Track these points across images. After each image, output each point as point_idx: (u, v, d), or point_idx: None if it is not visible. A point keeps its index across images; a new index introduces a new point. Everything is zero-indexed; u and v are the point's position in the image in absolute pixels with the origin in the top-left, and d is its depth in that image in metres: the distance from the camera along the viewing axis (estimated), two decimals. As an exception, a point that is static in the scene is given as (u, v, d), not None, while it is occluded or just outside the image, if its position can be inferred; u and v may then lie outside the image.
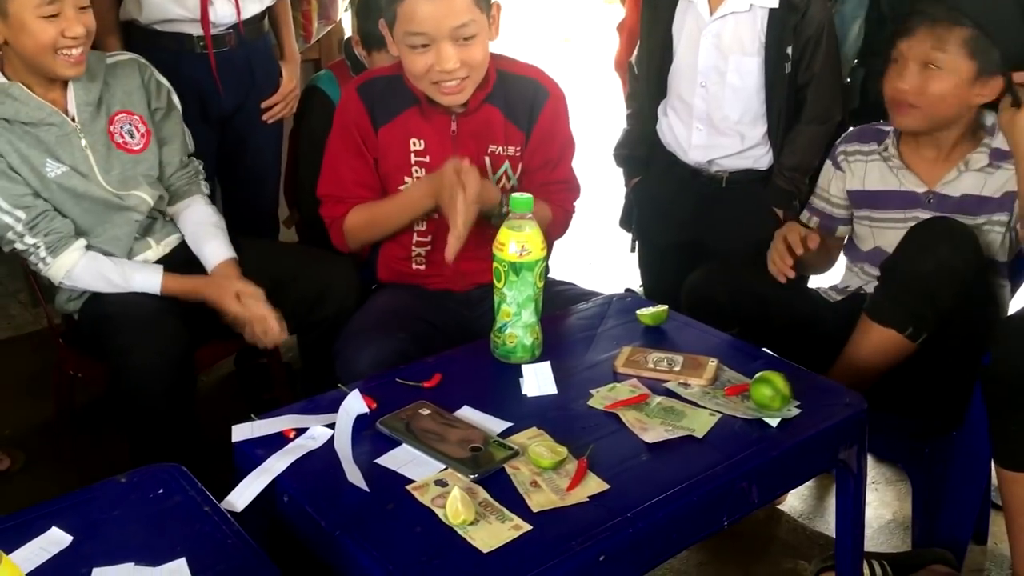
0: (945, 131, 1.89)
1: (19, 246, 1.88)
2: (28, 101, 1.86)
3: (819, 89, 2.08)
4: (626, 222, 2.44)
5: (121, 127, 1.97)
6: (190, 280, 1.95)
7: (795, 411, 1.49)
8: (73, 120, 1.91)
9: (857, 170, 2.00)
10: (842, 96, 2.16)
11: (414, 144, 1.89)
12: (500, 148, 1.91)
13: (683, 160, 2.21)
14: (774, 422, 1.47)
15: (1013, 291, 2.01)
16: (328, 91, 2.38)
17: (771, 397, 1.48)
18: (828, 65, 2.08)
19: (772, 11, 2.03)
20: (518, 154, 1.93)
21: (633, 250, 2.49)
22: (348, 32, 3.24)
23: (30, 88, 1.87)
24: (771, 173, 2.16)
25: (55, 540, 1.21)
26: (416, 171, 1.90)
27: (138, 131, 1.99)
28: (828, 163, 2.05)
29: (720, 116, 2.13)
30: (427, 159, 1.89)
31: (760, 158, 2.16)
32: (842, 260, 2.14)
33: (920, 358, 1.80)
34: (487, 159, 1.92)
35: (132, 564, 1.17)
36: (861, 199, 2.01)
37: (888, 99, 1.90)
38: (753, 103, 2.11)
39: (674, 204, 2.26)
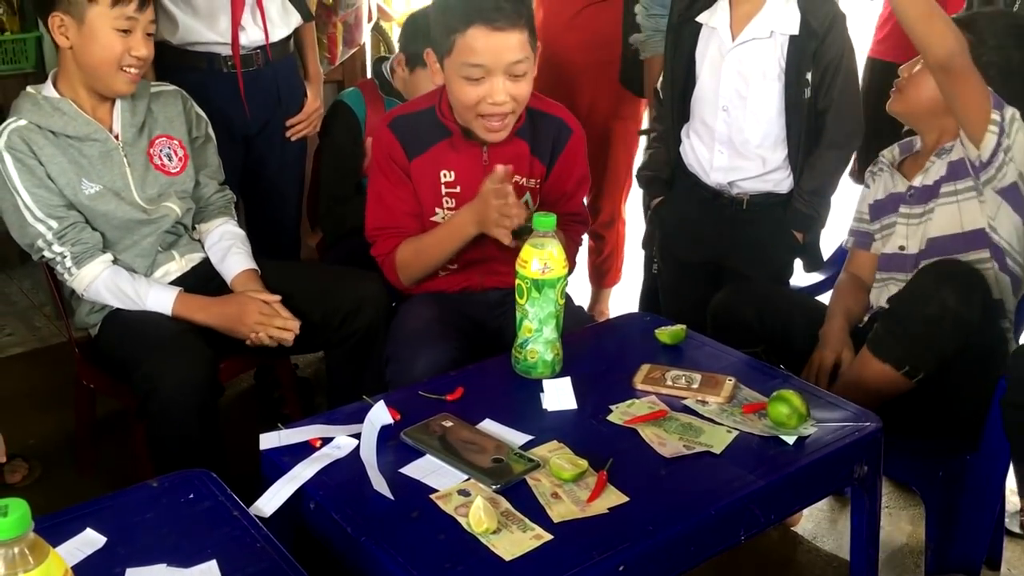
0: (928, 132, 1.98)
1: (47, 254, 1.92)
2: (76, 117, 1.93)
3: (838, 114, 2.12)
4: (648, 243, 2.47)
5: (161, 150, 2.03)
6: (202, 306, 1.96)
7: (811, 429, 1.52)
8: (117, 138, 1.97)
9: (876, 184, 2.09)
10: (862, 119, 2.20)
11: (444, 176, 1.95)
12: (524, 179, 1.97)
13: (705, 182, 2.25)
14: (791, 440, 1.49)
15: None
16: (354, 107, 2.45)
17: (788, 415, 1.50)
18: (847, 91, 2.12)
19: (792, 37, 2.08)
20: (538, 186, 1.99)
21: (651, 270, 2.52)
22: (370, 55, 3.31)
23: (79, 104, 1.94)
24: (791, 196, 2.20)
25: (89, 541, 1.24)
26: (447, 202, 1.96)
27: (176, 155, 2.05)
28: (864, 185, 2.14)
29: (741, 139, 2.17)
30: (458, 189, 1.95)
31: (781, 181, 2.20)
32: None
33: (935, 380, 1.81)
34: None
35: (164, 565, 1.20)
36: (875, 210, 2.08)
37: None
38: (774, 127, 2.15)
39: (696, 225, 2.29)
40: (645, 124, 2.90)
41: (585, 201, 2.21)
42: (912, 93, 1.95)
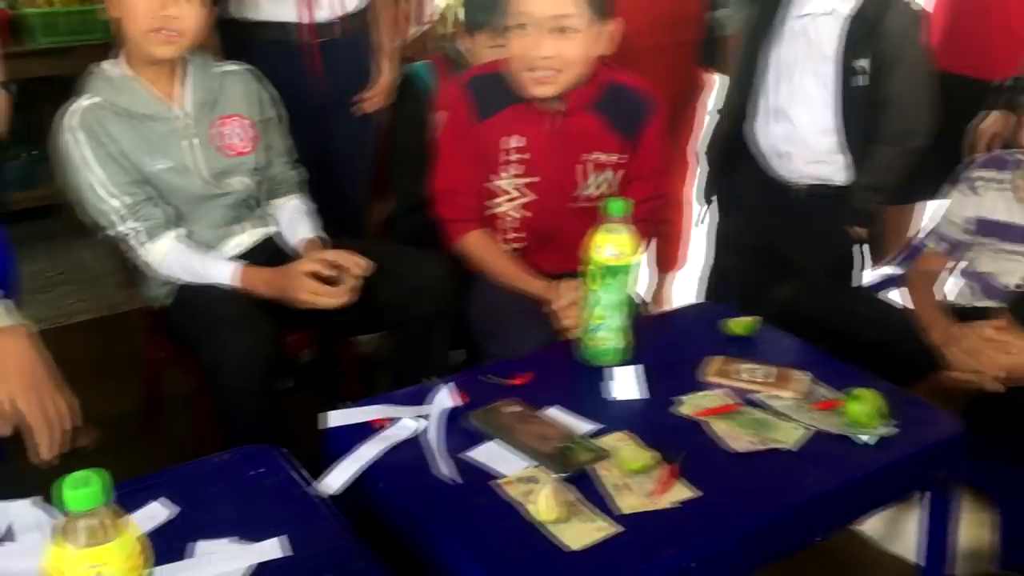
0: None
1: (120, 229, 1.94)
2: (144, 95, 1.94)
3: (896, 109, 2.04)
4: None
5: (229, 129, 2.03)
6: (263, 280, 1.95)
7: (889, 429, 1.47)
8: (184, 116, 1.98)
9: (988, 197, 1.95)
10: (928, 119, 2.11)
11: (513, 141, 1.93)
12: (603, 155, 1.95)
13: (765, 165, 2.21)
14: (868, 440, 1.45)
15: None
16: (425, 79, 2.44)
17: (866, 414, 1.46)
18: (908, 85, 2.04)
19: (851, 19, 2.02)
20: (622, 161, 1.95)
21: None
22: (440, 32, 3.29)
23: (147, 81, 1.95)
24: (848, 190, 2.14)
25: (159, 512, 1.25)
26: (513, 168, 1.94)
27: (246, 135, 2.05)
28: (958, 189, 2.00)
29: (793, 116, 2.13)
30: (526, 156, 1.93)
31: (835, 172, 2.14)
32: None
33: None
34: (585, 166, 1.96)
35: (233, 539, 1.20)
36: (988, 228, 1.95)
37: None
38: (821, 111, 2.10)
39: (754, 209, 2.26)
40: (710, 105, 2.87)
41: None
42: None
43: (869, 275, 2.40)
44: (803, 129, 2.13)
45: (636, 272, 1.62)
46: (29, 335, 1.43)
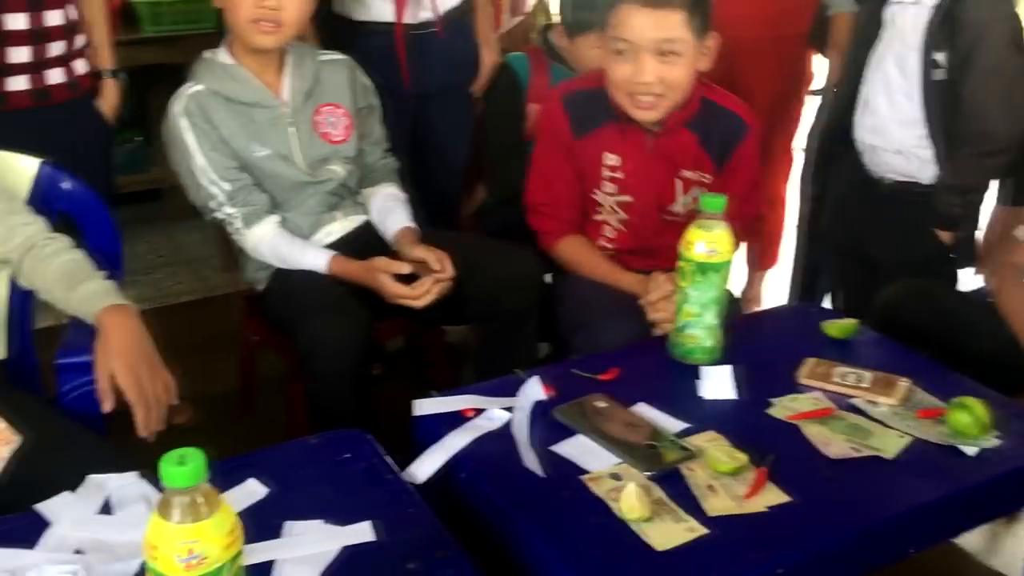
0: None
1: (219, 215, 2.00)
2: (248, 83, 1.99)
3: (970, 109, 1.95)
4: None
5: (326, 118, 2.06)
6: (351, 269, 1.97)
7: (994, 441, 1.40)
8: (285, 105, 2.02)
9: None
10: (1007, 125, 1.98)
11: (609, 159, 1.93)
12: (694, 174, 1.93)
13: (859, 161, 2.17)
14: (971, 451, 1.39)
15: None
16: (518, 70, 2.44)
17: (969, 424, 1.40)
18: (983, 85, 1.94)
19: (934, 9, 1.95)
20: (710, 182, 1.94)
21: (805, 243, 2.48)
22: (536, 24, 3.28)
23: (249, 69, 1.99)
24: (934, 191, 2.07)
25: (252, 491, 1.27)
26: (607, 186, 1.94)
27: (342, 124, 2.08)
28: None
29: (879, 106, 2.09)
30: (621, 175, 1.93)
31: (920, 168, 2.07)
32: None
33: None
34: (679, 182, 1.95)
35: (322, 521, 1.22)
36: None
37: None
38: (907, 102, 2.02)
39: (847, 206, 2.24)
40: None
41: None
42: None
43: (976, 280, 2.31)
44: (885, 119, 2.08)
45: (729, 270, 1.58)
46: (133, 314, 1.48)
